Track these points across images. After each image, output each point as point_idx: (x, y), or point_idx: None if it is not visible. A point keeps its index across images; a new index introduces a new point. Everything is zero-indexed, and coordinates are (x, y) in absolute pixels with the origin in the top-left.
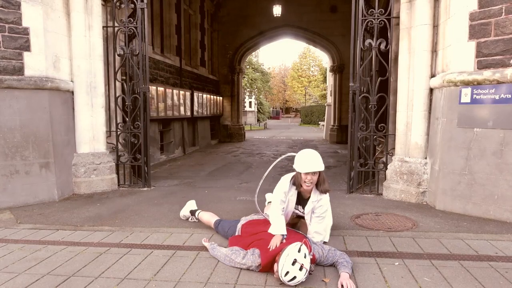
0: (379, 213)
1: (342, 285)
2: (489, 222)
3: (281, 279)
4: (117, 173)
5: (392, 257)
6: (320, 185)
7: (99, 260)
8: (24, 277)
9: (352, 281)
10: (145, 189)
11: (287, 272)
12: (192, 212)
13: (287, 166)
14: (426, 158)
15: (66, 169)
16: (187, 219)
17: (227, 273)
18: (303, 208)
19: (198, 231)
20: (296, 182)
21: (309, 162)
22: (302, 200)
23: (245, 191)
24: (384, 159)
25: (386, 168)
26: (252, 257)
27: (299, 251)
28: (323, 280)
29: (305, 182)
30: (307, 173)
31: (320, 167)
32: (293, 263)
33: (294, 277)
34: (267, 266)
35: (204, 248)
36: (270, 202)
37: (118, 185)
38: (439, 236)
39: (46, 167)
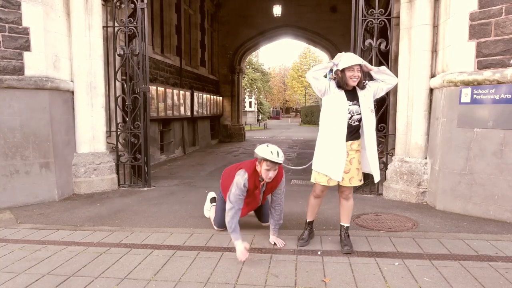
0: (379, 213)
1: (274, 243)
2: (489, 222)
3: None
4: (117, 173)
5: (392, 257)
6: (360, 82)
7: (99, 260)
8: (24, 277)
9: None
10: (145, 189)
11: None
12: (212, 200)
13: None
14: (426, 158)
15: (66, 169)
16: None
17: (227, 273)
18: (357, 101)
19: (198, 231)
20: (342, 82)
21: (351, 57)
22: (351, 95)
23: None
24: (384, 159)
25: (386, 168)
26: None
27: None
28: (323, 280)
29: (351, 78)
30: (352, 69)
31: (360, 61)
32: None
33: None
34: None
35: (204, 248)
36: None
37: (118, 185)
38: (439, 236)
39: (46, 167)
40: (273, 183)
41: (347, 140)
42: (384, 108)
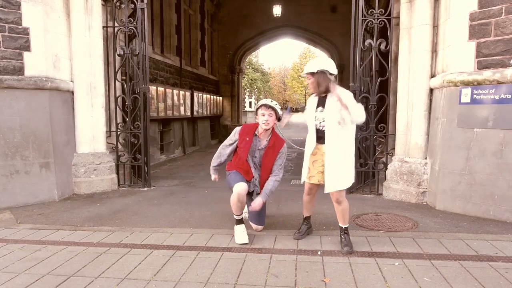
0: (379, 213)
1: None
2: (489, 222)
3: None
4: (117, 173)
5: (392, 257)
6: (318, 87)
7: (99, 260)
8: (24, 277)
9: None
10: (145, 189)
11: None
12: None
13: (287, 166)
14: (426, 158)
15: (66, 169)
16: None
17: (227, 273)
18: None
19: (198, 231)
20: None
21: (307, 65)
22: (322, 101)
23: None
24: (384, 159)
25: (386, 168)
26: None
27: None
28: (323, 280)
29: (308, 84)
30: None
31: (309, 69)
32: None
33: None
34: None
35: (204, 248)
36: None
37: (118, 185)
38: (439, 236)
39: (46, 167)
40: (274, 146)
41: (322, 144)
42: (384, 108)
